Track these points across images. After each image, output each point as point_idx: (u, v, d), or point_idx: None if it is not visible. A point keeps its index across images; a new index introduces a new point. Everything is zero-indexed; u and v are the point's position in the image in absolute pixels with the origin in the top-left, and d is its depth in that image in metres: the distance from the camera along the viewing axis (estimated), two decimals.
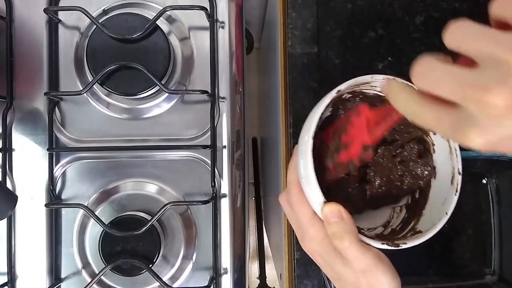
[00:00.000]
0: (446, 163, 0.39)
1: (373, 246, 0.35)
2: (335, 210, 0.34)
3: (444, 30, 0.25)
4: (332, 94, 0.38)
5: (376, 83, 0.40)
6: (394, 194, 0.42)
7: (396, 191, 0.41)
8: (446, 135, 0.25)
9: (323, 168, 0.40)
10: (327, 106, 0.38)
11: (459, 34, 0.24)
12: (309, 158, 0.35)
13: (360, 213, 0.42)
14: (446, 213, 0.37)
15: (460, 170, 0.37)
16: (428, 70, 0.25)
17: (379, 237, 0.39)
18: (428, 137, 0.40)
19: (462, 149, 0.39)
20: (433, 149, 0.40)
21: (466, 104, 0.23)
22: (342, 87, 0.38)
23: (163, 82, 0.48)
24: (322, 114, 0.38)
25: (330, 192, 0.40)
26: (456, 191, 0.37)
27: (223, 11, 0.52)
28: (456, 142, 0.24)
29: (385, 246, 0.35)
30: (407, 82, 0.28)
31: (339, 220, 0.34)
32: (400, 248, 0.36)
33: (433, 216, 0.39)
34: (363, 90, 0.41)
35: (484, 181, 0.57)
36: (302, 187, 0.37)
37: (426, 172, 0.40)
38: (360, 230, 0.37)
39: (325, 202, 0.35)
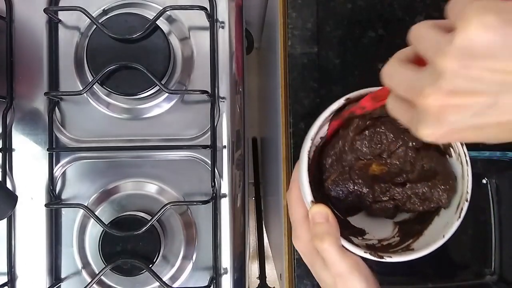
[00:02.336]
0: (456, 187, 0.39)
1: (355, 254, 0.36)
2: (322, 211, 0.35)
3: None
4: (341, 101, 0.38)
5: None
6: (402, 210, 0.41)
7: (406, 208, 0.41)
8: (410, 129, 0.28)
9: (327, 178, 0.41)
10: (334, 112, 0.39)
11: (416, 33, 0.27)
12: (304, 158, 0.36)
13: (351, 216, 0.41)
14: (444, 236, 0.37)
15: (469, 198, 0.37)
16: (393, 71, 0.29)
17: (368, 247, 0.39)
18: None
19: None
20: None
21: (413, 103, 0.26)
22: (352, 95, 0.38)
23: (163, 82, 0.48)
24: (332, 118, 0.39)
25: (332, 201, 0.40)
26: (459, 217, 0.37)
27: (223, 11, 0.52)
28: (415, 135, 0.27)
29: (367, 256, 0.36)
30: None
31: (324, 222, 0.35)
32: (383, 260, 0.36)
33: (431, 236, 0.38)
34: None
35: (484, 181, 0.57)
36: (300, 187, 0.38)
37: (443, 199, 0.39)
38: (348, 236, 0.37)
39: (312, 202, 0.36)
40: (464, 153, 0.38)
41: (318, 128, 0.38)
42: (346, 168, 0.41)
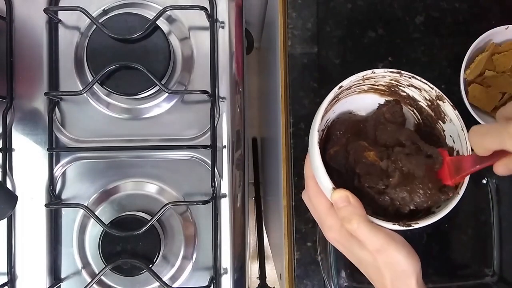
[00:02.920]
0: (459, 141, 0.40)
1: (384, 227, 0.36)
2: (343, 195, 0.36)
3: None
4: (335, 90, 0.39)
5: (378, 77, 0.41)
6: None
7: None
8: None
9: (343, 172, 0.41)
10: (332, 101, 0.39)
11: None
12: (316, 149, 0.36)
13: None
14: (458, 193, 0.37)
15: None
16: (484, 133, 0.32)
17: (391, 218, 0.39)
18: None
19: None
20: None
21: None
22: (344, 83, 0.39)
23: (163, 82, 0.48)
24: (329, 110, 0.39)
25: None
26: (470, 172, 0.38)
27: (223, 11, 0.52)
28: None
29: (396, 227, 0.36)
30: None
31: (347, 204, 0.36)
32: (412, 228, 0.36)
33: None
34: (370, 85, 0.42)
35: (484, 181, 0.56)
36: (316, 180, 0.38)
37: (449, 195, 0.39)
38: (371, 213, 0.38)
39: (333, 189, 0.36)
40: (456, 116, 0.40)
41: (321, 119, 0.38)
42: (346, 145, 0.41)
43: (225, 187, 0.51)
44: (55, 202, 0.50)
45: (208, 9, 0.50)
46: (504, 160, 0.33)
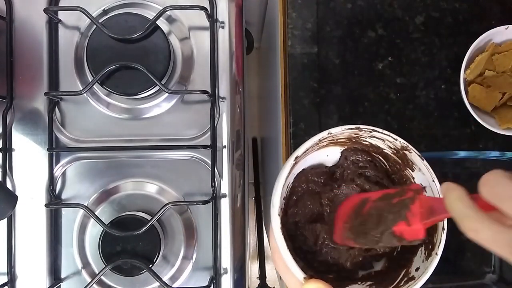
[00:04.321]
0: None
1: None
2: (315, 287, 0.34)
3: (480, 181, 0.27)
4: (291, 162, 0.37)
5: (337, 135, 0.39)
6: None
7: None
8: (502, 253, 0.26)
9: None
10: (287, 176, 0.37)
11: (496, 190, 0.27)
12: (280, 236, 0.35)
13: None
14: (436, 254, 0.36)
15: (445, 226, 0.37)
16: (498, 183, 0.27)
17: (373, 283, 0.38)
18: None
19: (462, 148, 0.39)
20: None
21: None
22: (299, 151, 0.37)
23: (163, 82, 0.48)
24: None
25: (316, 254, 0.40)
26: (443, 229, 0.37)
27: (223, 11, 0.52)
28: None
29: None
30: (461, 189, 0.29)
31: None
32: None
33: (423, 257, 0.38)
34: (328, 141, 0.41)
35: None
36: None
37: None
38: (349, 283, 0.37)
39: (305, 279, 0.34)
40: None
41: (280, 197, 0.36)
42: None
43: (225, 187, 0.51)
44: (55, 202, 0.50)
45: (208, 9, 0.50)
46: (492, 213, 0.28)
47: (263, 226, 1.00)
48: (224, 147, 0.51)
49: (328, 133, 0.38)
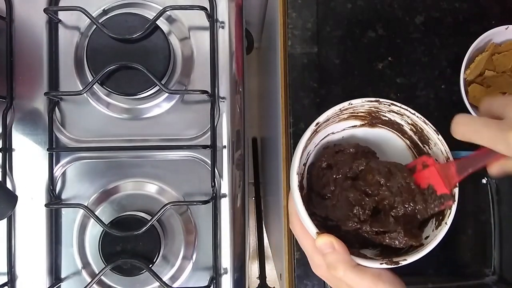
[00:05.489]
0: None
1: (372, 267, 0.36)
2: (327, 241, 0.36)
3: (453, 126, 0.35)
4: (312, 127, 0.39)
5: (357, 107, 0.41)
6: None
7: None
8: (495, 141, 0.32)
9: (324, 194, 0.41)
10: (310, 137, 0.39)
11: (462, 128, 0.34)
12: (297, 193, 0.37)
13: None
14: (446, 223, 0.37)
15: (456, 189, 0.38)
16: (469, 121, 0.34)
17: (380, 254, 0.39)
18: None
19: (462, 148, 0.39)
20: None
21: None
22: (321, 118, 0.39)
23: (163, 82, 0.48)
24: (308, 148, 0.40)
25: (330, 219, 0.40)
26: (454, 201, 0.38)
27: (223, 11, 0.52)
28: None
29: (384, 266, 0.36)
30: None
31: (331, 251, 0.35)
32: (399, 265, 0.36)
33: (433, 227, 0.39)
34: (349, 113, 0.42)
35: (484, 181, 0.56)
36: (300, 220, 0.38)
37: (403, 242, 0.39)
38: (358, 252, 0.38)
39: (317, 233, 0.36)
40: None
41: (300, 159, 0.38)
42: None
43: (225, 187, 0.51)
44: (55, 202, 0.50)
45: (208, 9, 0.50)
46: (499, 161, 0.33)
47: (263, 226, 1.00)
48: (224, 147, 0.51)
49: (349, 104, 0.39)
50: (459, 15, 0.57)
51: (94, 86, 0.48)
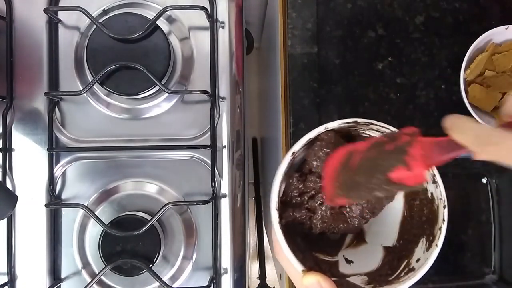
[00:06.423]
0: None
1: None
2: (313, 282, 0.34)
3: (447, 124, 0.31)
4: (288, 157, 0.37)
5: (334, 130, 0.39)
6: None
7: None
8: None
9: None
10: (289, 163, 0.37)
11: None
12: (278, 231, 0.35)
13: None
14: (437, 245, 0.36)
15: (445, 202, 0.37)
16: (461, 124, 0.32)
17: (370, 282, 0.38)
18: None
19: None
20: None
21: None
22: (296, 148, 0.37)
23: (163, 82, 0.48)
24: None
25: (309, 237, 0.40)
26: (444, 220, 0.36)
27: (223, 11, 0.52)
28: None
29: None
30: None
31: None
32: None
33: (423, 248, 0.38)
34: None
35: (484, 181, 0.57)
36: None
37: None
38: (347, 281, 0.37)
39: (303, 271, 0.34)
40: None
41: (278, 194, 0.37)
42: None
43: (225, 187, 0.51)
44: (55, 202, 0.50)
45: (208, 9, 0.50)
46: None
47: (263, 226, 1.00)
48: (224, 147, 0.51)
49: (325, 128, 0.37)
50: (459, 15, 0.57)
51: (94, 86, 0.48)
